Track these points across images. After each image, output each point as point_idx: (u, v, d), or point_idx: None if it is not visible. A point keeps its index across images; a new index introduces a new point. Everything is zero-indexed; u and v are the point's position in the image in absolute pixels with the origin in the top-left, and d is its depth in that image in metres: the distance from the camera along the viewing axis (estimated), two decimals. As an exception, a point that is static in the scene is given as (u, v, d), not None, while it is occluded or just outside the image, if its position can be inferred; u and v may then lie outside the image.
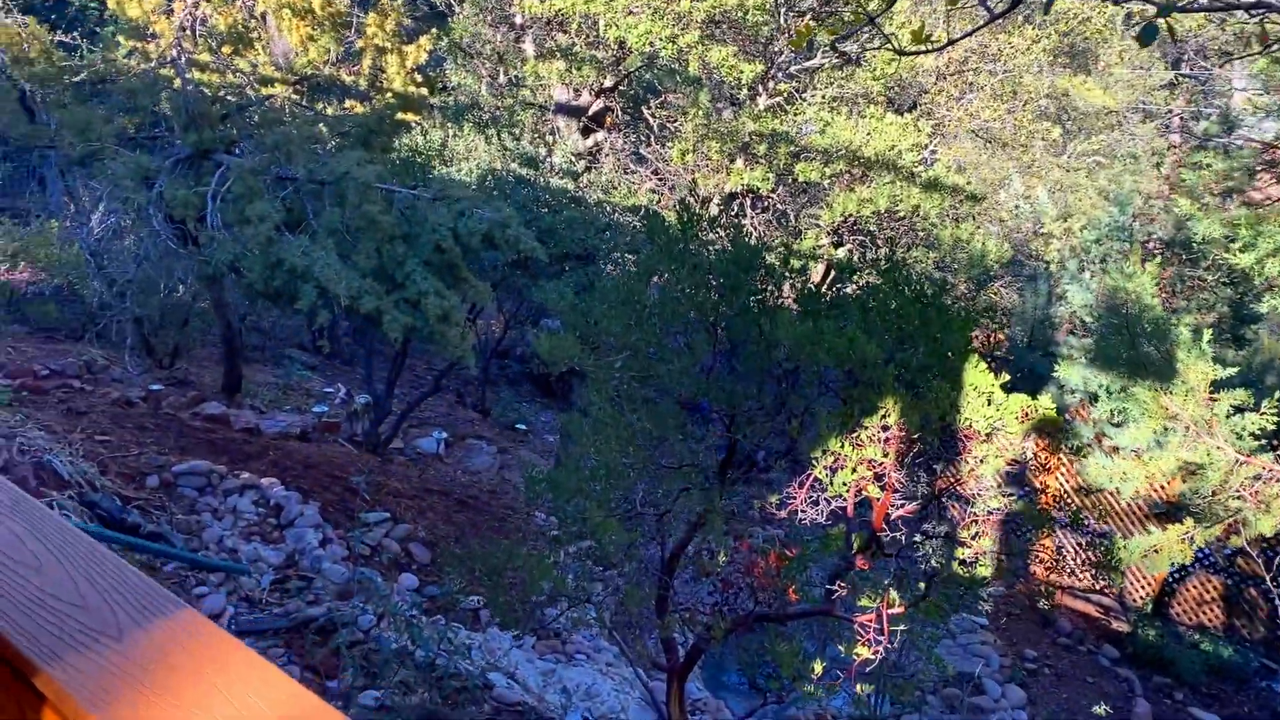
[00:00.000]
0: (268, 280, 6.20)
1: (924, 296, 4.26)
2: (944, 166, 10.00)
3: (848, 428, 3.68)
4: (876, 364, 3.67)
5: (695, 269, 4.61)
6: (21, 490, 1.54)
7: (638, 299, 4.87)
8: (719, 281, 4.51)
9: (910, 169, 9.31)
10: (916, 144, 9.30)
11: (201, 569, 7.28)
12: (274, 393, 12.74)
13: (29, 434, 7.80)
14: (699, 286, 4.63)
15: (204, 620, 1.15)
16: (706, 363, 4.47)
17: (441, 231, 6.06)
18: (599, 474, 5.85)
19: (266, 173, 6.61)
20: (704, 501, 4.62)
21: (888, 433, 3.66)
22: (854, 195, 8.95)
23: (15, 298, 10.97)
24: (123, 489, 7.89)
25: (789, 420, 4.23)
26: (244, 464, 9.01)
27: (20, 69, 7.50)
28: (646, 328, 4.68)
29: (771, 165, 9.58)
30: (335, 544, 8.33)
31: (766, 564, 4.39)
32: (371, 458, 11.00)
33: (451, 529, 9.81)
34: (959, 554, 3.98)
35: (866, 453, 3.58)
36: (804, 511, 4.00)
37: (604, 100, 10.09)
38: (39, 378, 9.68)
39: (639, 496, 5.57)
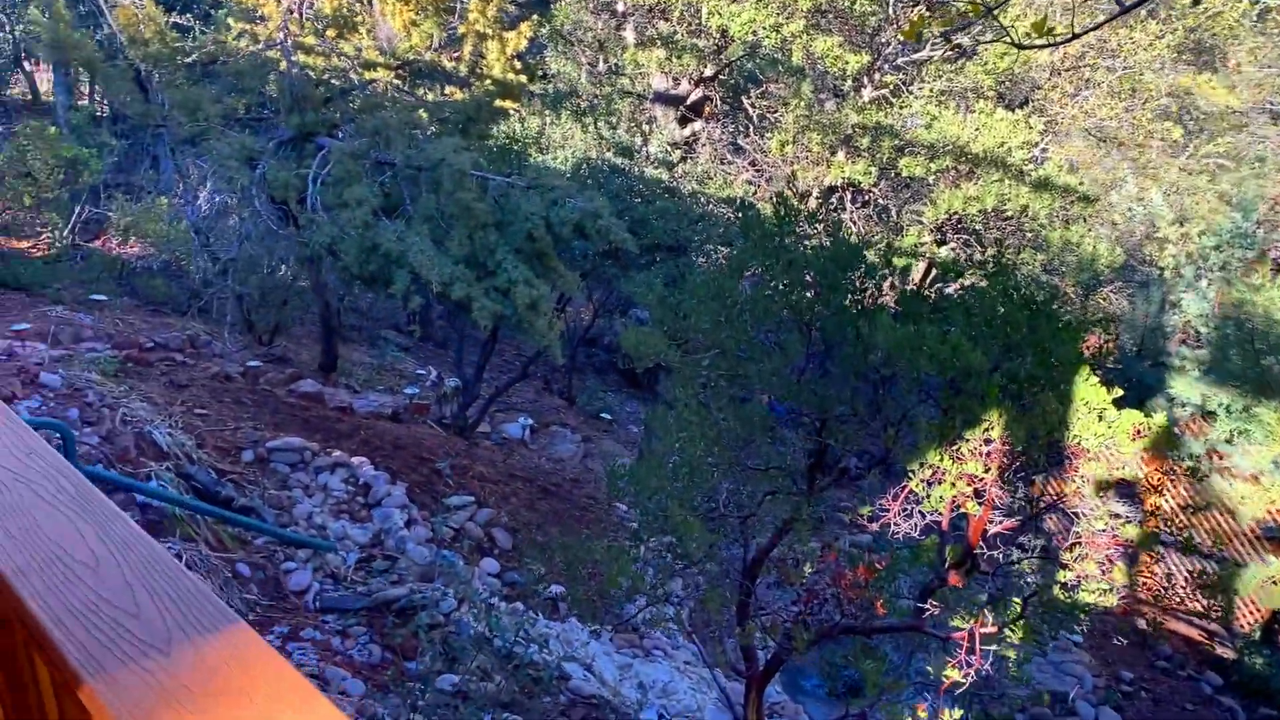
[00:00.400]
0: (363, 264, 6.24)
1: (1033, 303, 4.04)
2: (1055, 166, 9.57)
3: (947, 439, 3.49)
4: (981, 373, 3.48)
5: (791, 265, 4.46)
6: (89, 483, 1.50)
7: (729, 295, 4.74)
8: (816, 279, 4.35)
9: (1020, 167, 8.93)
10: (1027, 141, 8.91)
11: (290, 545, 7.41)
12: (368, 373, 12.96)
13: (132, 404, 8.04)
14: (794, 284, 4.47)
15: (255, 638, 1.08)
16: (799, 364, 4.31)
17: (534, 220, 6.01)
18: (682, 472, 5.74)
19: (366, 157, 6.65)
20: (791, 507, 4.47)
21: (990, 446, 3.47)
22: (960, 192, 8.62)
23: (126, 271, 11.34)
24: (218, 462, 8.08)
25: (884, 428, 4.06)
26: (336, 442, 9.16)
27: (136, 49, 7.70)
28: (737, 325, 4.55)
29: (874, 159, 9.29)
30: (420, 525, 8.40)
31: (855, 575, 4.23)
32: (458, 441, 11.09)
33: (534, 516, 9.82)
34: (1060, 576, 3.76)
35: (967, 467, 3.39)
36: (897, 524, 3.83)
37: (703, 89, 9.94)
38: (144, 350, 9.98)
39: (723, 497, 5.45)
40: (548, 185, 6.10)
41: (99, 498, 1.44)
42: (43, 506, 1.41)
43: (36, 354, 8.62)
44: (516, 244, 6.20)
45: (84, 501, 1.43)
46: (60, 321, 10.08)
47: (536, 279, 6.15)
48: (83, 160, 11.57)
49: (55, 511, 1.40)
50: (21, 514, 1.37)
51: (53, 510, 1.40)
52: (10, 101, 18.21)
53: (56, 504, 1.43)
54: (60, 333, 9.68)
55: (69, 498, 1.44)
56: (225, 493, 7.43)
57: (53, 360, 8.63)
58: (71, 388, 7.84)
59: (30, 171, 11.18)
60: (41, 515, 1.38)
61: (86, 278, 11.08)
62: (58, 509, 1.42)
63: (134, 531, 1.35)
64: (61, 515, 1.39)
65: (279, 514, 7.70)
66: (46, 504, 1.41)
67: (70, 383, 7.90)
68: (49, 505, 1.41)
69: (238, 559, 7.00)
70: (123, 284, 11.39)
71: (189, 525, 7.03)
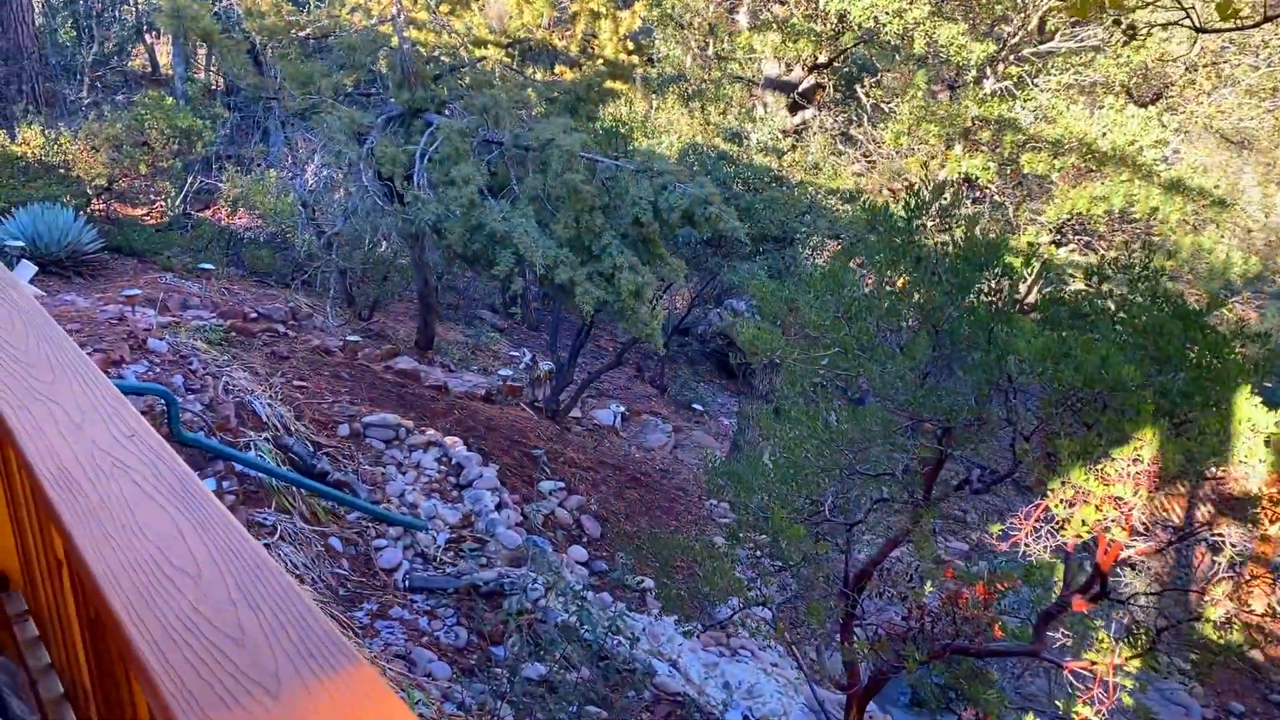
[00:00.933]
0: (467, 243, 6.14)
1: (1188, 312, 3.70)
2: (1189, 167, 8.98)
3: (1091, 457, 3.21)
4: (1134, 388, 3.18)
5: (919, 263, 4.18)
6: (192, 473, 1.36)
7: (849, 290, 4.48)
8: (946, 279, 4.07)
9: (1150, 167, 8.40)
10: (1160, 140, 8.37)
11: (383, 522, 7.40)
12: (463, 352, 12.99)
13: (234, 374, 8.12)
14: (921, 283, 4.20)
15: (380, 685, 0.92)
16: (924, 367, 4.05)
17: (642, 205, 5.83)
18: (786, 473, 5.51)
19: (474, 135, 6.55)
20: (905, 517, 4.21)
21: (1139, 467, 3.17)
22: (1084, 192, 8.14)
23: (233, 241, 11.53)
24: (315, 435, 8.12)
25: (1015, 440, 3.77)
26: (430, 420, 9.15)
27: (253, 21, 7.74)
28: (858, 323, 4.29)
29: (995, 154, 8.85)
30: (510, 509, 8.33)
31: (973, 594, 3.96)
32: (550, 425, 11.02)
33: (622, 505, 9.69)
34: (1209, 612, 3.44)
35: (1114, 489, 3.10)
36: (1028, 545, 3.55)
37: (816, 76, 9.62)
38: (248, 319, 10.12)
39: (828, 502, 5.20)
40: (656, 170, 5.91)
41: (203, 494, 1.30)
42: (142, 502, 1.27)
43: (146, 319, 8.79)
44: (623, 229, 6.03)
45: (186, 496, 1.29)
46: (169, 288, 10.28)
47: (641, 265, 5.97)
48: (196, 131, 11.78)
49: (155, 506, 1.25)
50: (119, 507, 1.24)
51: (151, 504, 1.26)
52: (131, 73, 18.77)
53: (156, 496, 1.29)
54: (168, 299, 9.87)
55: (170, 491, 1.29)
56: (321, 466, 7.44)
57: (160, 326, 8.78)
58: (177, 354, 7.96)
59: (147, 140, 11.43)
60: (141, 510, 1.24)
61: (196, 246, 11.30)
62: (157, 502, 1.27)
63: (239, 535, 1.20)
64: (162, 511, 1.25)
65: (372, 490, 7.70)
66: (146, 497, 1.27)
67: (176, 349, 8.01)
68: (148, 499, 1.27)
69: (331, 533, 7.02)
70: (230, 254, 11.59)
71: (285, 496, 7.06)
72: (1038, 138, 8.44)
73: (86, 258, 10.05)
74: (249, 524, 6.39)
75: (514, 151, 6.59)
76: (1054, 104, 8.46)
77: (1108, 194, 7.93)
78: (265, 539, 6.36)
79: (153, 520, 1.23)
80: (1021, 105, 8.52)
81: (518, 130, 6.38)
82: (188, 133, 11.73)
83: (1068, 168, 8.37)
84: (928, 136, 8.91)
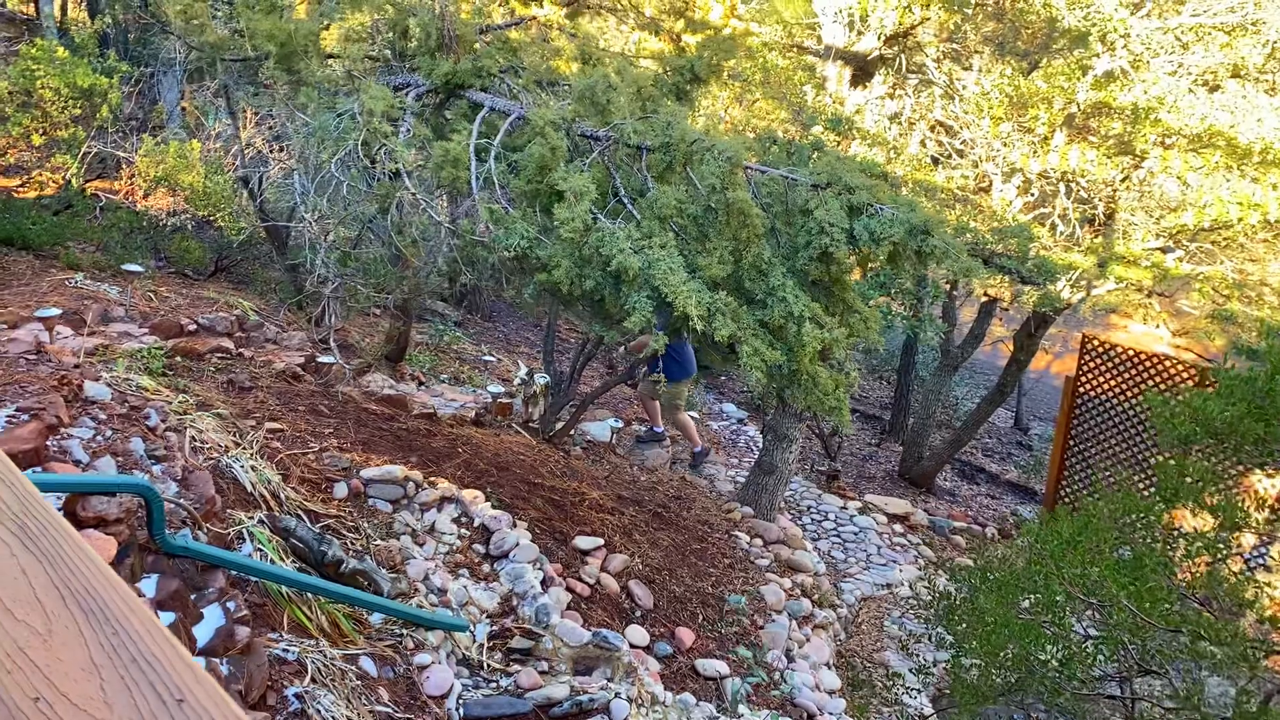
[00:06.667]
0: (576, 279, 4.48)
1: None
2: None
3: None
4: None
5: None
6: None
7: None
8: None
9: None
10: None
11: (418, 625, 5.71)
12: (428, 356, 11.19)
13: (199, 424, 6.24)
14: None
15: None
16: None
17: (833, 234, 4.28)
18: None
19: (569, 128, 4.86)
20: None
21: None
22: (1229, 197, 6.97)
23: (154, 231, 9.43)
24: (308, 500, 6.33)
25: None
26: (436, 466, 7.44)
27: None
28: None
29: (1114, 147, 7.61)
30: (556, 584, 6.75)
31: None
32: (550, 450, 9.41)
33: (659, 555, 8.20)
34: None
35: None
36: None
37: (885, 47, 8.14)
38: (188, 334, 8.15)
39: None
40: (849, 185, 4.36)
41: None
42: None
43: (68, 345, 6.76)
44: (801, 264, 4.47)
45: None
46: (83, 295, 8.18)
47: (824, 315, 4.44)
48: (100, 91, 9.54)
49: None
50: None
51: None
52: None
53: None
54: (85, 312, 7.80)
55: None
56: (333, 553, 5.69)
57: (88, 354, 6.78)
58: (125, 402, 6.01)
59: (39, 103, 9.15)
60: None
61: (109, 238, 9.14)
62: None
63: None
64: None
65: (395, 579, 5.96)
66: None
67: (122, 395, 6.07)
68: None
69: (360, 650, 5.30)
70: (151, 246, 9.47)
71: (297, 605, 5.30)
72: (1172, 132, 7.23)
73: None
74: (273, 661, 4.63)
75: (623, 151, 4.93)
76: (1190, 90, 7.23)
77: (1263, 202, 6.79)
78: (295, 684, 4.62)
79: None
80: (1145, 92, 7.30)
81: (636, 125, 4.72)
82: (89, 93, 9.47)
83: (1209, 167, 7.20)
84: (1033, 124, 7.59)
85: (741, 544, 9.19)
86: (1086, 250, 8.00)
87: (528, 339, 14.31)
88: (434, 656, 5.58)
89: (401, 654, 5.47)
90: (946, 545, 10.43)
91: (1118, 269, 7.77)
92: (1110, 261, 7.78)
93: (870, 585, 9.37)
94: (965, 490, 13.47)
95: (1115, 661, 3.89)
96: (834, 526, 10.36)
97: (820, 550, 9.75)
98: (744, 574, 8.69)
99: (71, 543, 0.97)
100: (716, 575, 8.45)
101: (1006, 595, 4.24)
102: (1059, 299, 7.82)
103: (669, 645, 7.00)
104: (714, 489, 10.86)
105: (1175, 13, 7.87)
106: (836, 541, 10.10)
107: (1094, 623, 4.48)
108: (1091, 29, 7.30)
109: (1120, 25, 7.24)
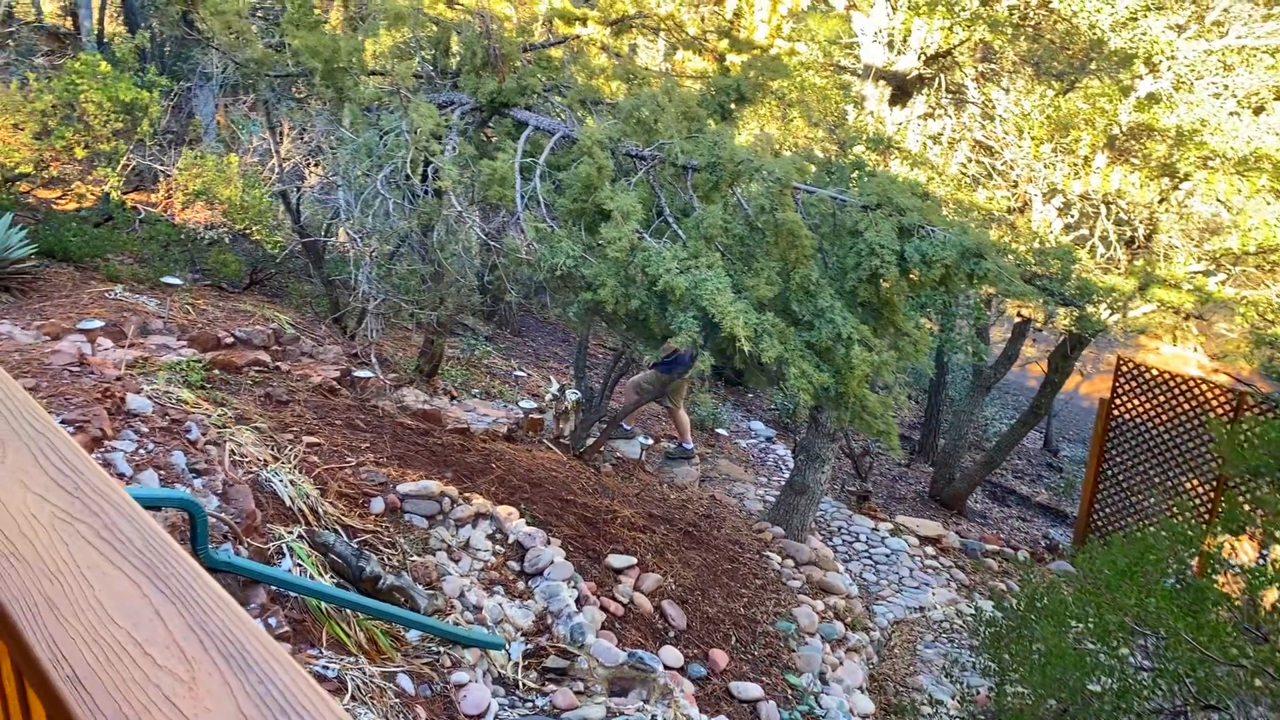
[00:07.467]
0: (621, 298, 4.46)
1: None
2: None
3: None
4: None
5: None
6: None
7: None
8: None
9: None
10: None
11: (455, 643, 5.69)
12: (460, 370, 11.22)
13: (238, 438, 6.26)
14: None
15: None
16: None
17: (884, 255, 4.25)
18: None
19: (615, 147, 4.85)
20: None
21: None
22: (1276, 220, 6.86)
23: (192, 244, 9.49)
24: (345, 515, 6.33)
25: None
26: (471, 482, 7.43)
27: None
28: None
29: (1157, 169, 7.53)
30: (591, 602, 6.71)
31: None
32: (582, 467, 9.39)
33: (691, 575, 8.15)
34: None
35: None
36: None
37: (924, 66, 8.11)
38: (226, 347, 8.19)
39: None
40: (900, 206, 4.33)
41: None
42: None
43: (110, 358, 6.81)
44: (850, 286, 4.44)
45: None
46: (123, 307, 8.24)
47: (873, 337, 4.40)
48: (142, 105, 9.65)
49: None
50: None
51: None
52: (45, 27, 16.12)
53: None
54: (125, 323, 7.85)
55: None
56: (371, 569, 5.68)
57: (129, 367, 6.82)
58: (165, 415, 6.04)
59: (82, 116, 9.26)
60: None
61: (148, 251, 9.22)
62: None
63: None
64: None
65: (432, 596, 5.95)
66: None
67: (163, 408, 6.10)
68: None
69: (398, 668, 5.28)
70: (189, 259, 9.55)
71: (336, 622, 5.29)
72: (1218, 153, 7.14)
73: (14, 268, 7.94)
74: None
75: (668, 170, 4.92)
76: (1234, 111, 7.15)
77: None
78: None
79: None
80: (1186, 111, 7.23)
81: (682, 145, 4.71)
82: (131, 107, 9.58)
83: (1253, 190, 7.12)
84: (1074, 145, 7.53)
85: (773, 564, 9.13)
86: (1127, 272, 7.93)
87: (556, 354, 14.32)
88: (471, 675, 5.55)
89: (439, 672, 5.45)
90: (979, 568, 10.32)
91: (1159, 292, 7.68)
92: (1151, 284, 7.70)
93: (902, 608, 9.28)
94: (996, 512, 13.34)
95: (1172, 695, 3.81)
96: (865, 548, 10.27)
97: (852, 572, 9.67)
98: (776, 595, 8.62)
99: (202, 582, 0.95)
100: (748, 596, 8.38)
101: (1058, 623, 4.17)
102: (1099, 321, 7.74)
103: (702, 667, 6.94)
104: (743, 508, 10.80)
105: (1218, 34, 7.80)
106: (868, 563, 10.01)
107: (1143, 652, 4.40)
108: (1138, 51, 7.24)
109: (1167, 47, 7.18)
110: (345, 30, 6.76)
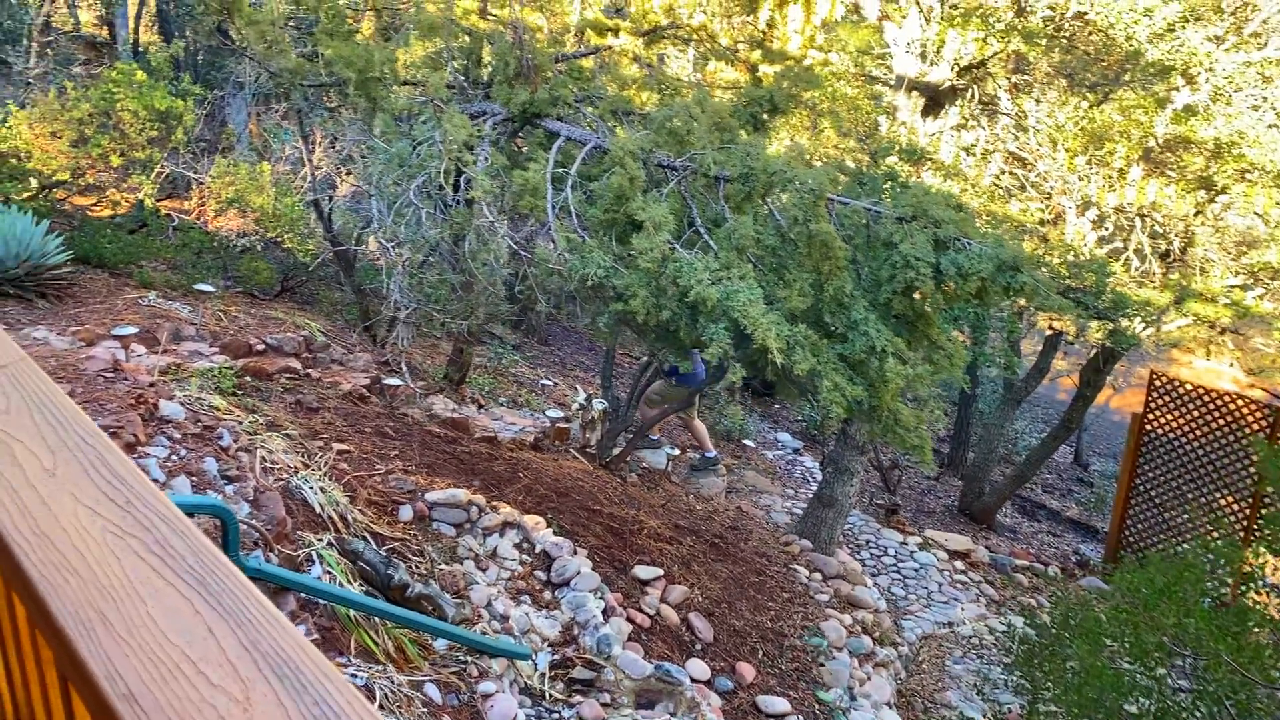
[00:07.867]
0: (652, 309, 4.45)
1: None
2: None
3: None
4: None
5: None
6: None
7: None
8: None
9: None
10: None
11: (482, 652, 5.68)
12: (487, 379, 11.24)
13: (269, 444, 6.29)
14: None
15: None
16: None
17: (919, 268, 4.21)
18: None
19: (647, 158, 4.84)
20: None
21: None
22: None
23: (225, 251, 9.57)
24: (375, 523, 6.35)
25: None
26: (498, 490, 7.44)
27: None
28: None
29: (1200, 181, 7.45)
30: (618, 614, 6.68)
31: None
32: (608, 477, 9.38)
33: (718, 587, 8.10)
34: None
35: None
36: None
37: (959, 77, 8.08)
38: (257, 354, 8.25)
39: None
40: (935, 218, 4.29)
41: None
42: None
43: (143, 364, 6.87)
44: (884, 298, 4.40)
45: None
46: (156, 314, 8.32)
47: (907, 350, 4.36)
48: (176, 114, 9.75)
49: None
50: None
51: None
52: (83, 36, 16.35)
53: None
54: (158, 330, 7.93)
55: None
56: (399, 577, 5.69)
57: (161, 373, 6.88)
58: (198, 421, 6.08)
59: (119, 124, 9.37)
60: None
61: (181, 258, 9.31)
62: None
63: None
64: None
65: (460, 605, 5.95)
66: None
67: (195, 414, 6.14)
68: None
69: (425, 677, 5.28)
70: (221, 266, 9.64)
71: (364, 630, 5.30)
72: (1256, 165, 7.06)
73: (51, 274, 8.03)
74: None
75: (700, 180, 4.91)
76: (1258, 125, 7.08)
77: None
78: (362, 712, 4.61)
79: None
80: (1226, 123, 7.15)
81: (715, 156, 4.69)
82: (166, 115, 9.69)
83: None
84: (1109, 158, 7.46)
85: (800, 578, 9.07)
86: (1162, 286, 7.85)
87: (582, 363, 14.33)
88: (498, 685, 5.54)
89: (465, 681, 5.45)
90: (1009, 584, 10.21)
91: (1195, 305, 7.60)
92: (1187, 298, 7.61)
93: (931, 623, 9.19)
94: (1026, 527, 13.20)
95: (1212, 718, 3.74)
96: (893, 562, 10.19)
97: (880, 586, 9.58)
98: (803, 609, 8.56)
99: (254, 599, 0.94)
100: (775, 609, 8.33)
101: (1093, 642, 4.11)
102: (1133, 335, 7.66)
103: (729, 680, 6.90)
104: (770, 520, 10.74)
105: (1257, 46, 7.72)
106: (896, 578, 9.92)
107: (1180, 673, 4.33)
108: (1175, 63, 7.17)
109: (1206, 59, 7.10)
110: (378, 40, 6.80)
